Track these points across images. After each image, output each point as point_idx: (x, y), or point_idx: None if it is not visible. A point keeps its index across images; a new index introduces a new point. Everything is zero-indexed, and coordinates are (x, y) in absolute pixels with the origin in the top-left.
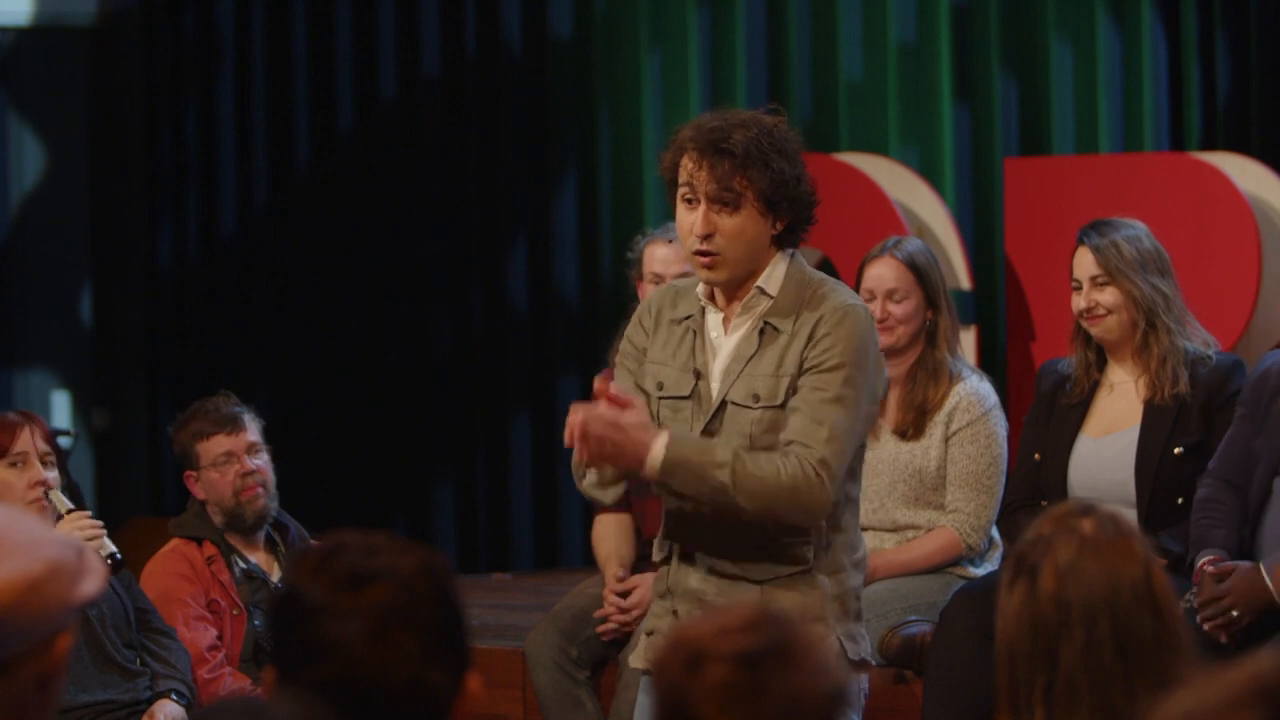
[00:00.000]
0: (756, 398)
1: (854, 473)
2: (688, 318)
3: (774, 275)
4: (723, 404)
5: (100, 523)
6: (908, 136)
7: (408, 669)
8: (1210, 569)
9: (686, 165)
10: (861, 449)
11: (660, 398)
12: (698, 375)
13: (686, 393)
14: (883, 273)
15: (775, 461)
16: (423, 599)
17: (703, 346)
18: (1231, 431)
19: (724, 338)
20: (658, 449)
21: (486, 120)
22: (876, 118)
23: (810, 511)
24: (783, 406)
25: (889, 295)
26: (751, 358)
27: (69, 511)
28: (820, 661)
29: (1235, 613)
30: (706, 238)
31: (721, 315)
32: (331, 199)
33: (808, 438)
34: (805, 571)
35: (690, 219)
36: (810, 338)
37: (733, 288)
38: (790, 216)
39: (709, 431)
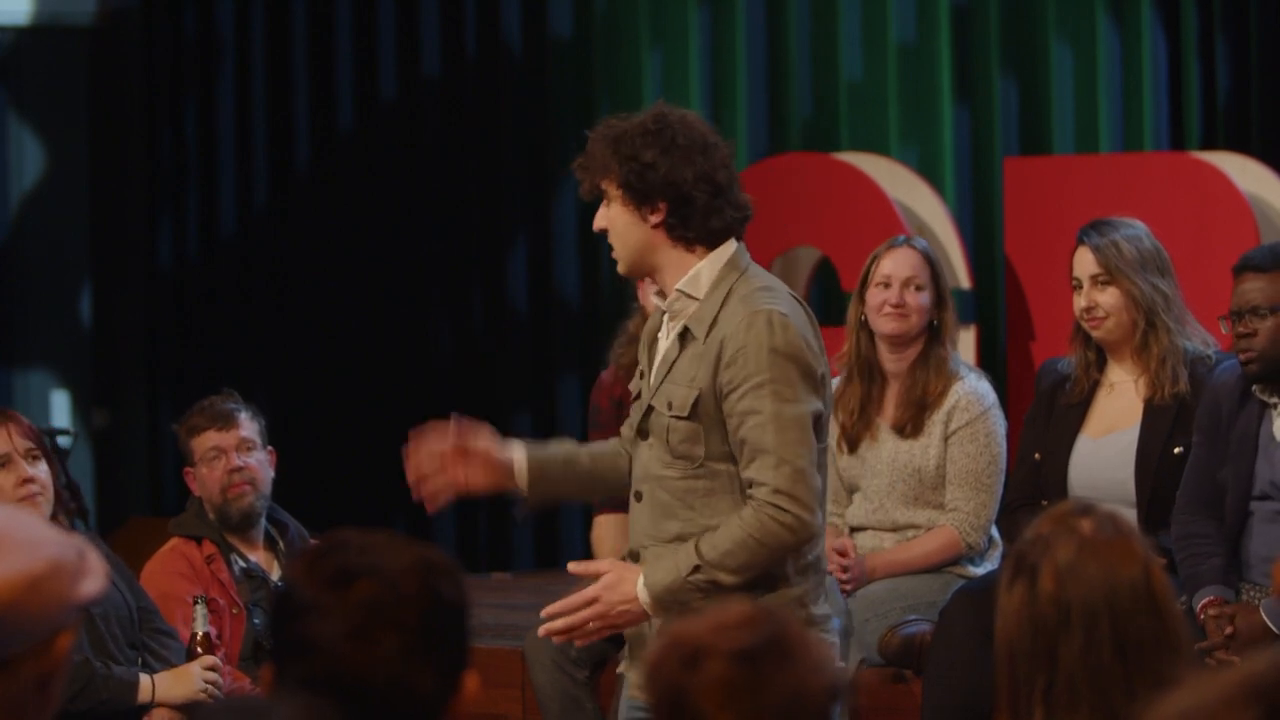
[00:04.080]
0: (670, 405)
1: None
2: (658, 322)
3: (699, 277)
4: (651, 405)
5: (219, 666)
6: (908, 136)
7: (389, 668)
8: (1213, 611)
9: None
10: (825, 436)
11: (633, 401)
12: (641, 376)
13: (635, 394)
14: (901, 261)
15: (734, 524)
16: (409, 598)
17: (654, 346)
18: (1192, 459)
19: (665, 340)
20: (642, 597)
21: (486, 120)
22: (876, 118)
23: (789, 543)
24: (690, 419)
25: (907, 282)
26: (674, 363)
27: (201, 640)
28: (817, 655)
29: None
30: (604, 233)
31: (668, 316)
32: (331, 199)
33: (759, 474)
34: (749, 589)
35: None
36: (719, 356)
37: (644, 277)
38: (667, 205)
39: (642, 431)
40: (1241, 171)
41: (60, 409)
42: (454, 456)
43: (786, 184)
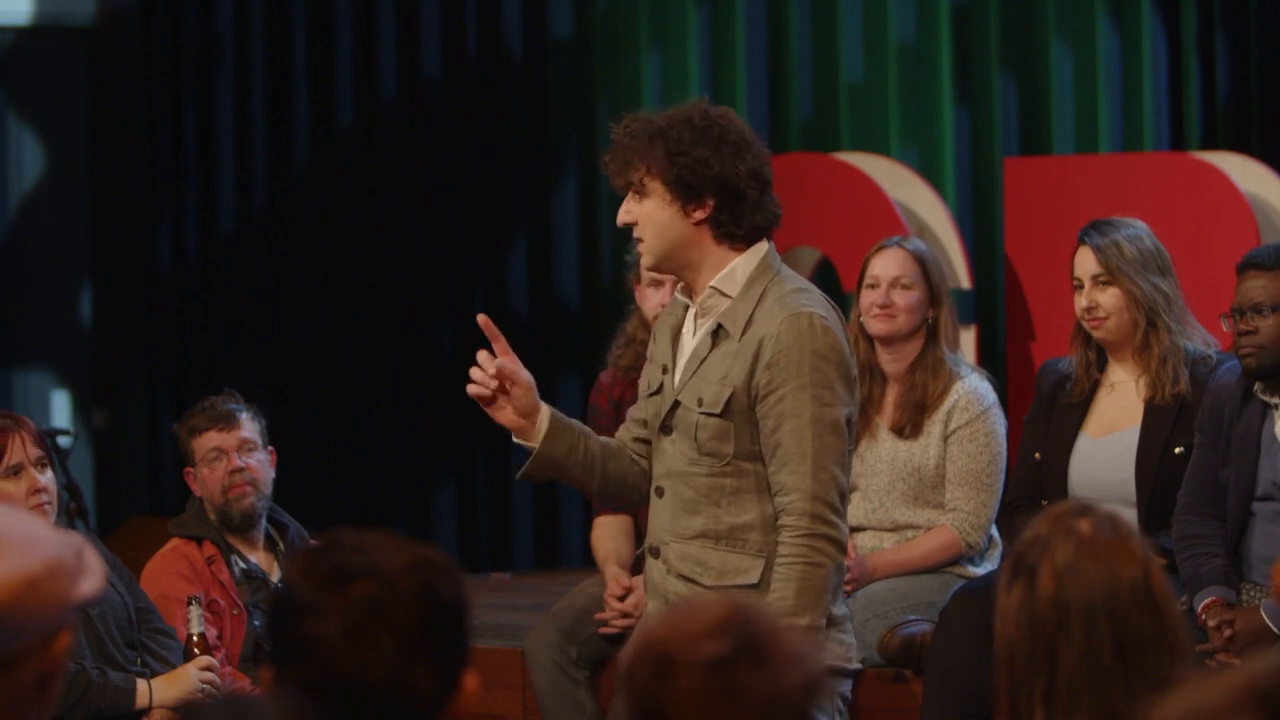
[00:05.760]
0: (700, 401)
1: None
2: (680, 317)
3: (734, 275)
4: (677, 401)
5: (216, 667)
6: (908, 136)
7: (385, 668)
8: (1213, 622)
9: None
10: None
11: (646, 397)
12: (664, 370)
13: (656, 388)
14: (889, 261)
15: (782, 572)
16: (406, 597)
17: (677, 342)
18: (1195, 460)
19: (691, 336)
20: None
21: (486, 120)
22: (876, 118)
23: (834, 560)
24: (722, 416)
25: (894, 282)
26: (705, 359)
27: (198, 641)
28: (791, 652)
29: (1240, 661)
30: (634, 225)
31: (694, 312)
32: (331, 199)
33: (792, 479)
34: (753, 587)
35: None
36: (757, 356)
37: (672, 273)
38: (714, 202)
39: (667, 427)
40: (1241, 171)
41: (60, 409)
42: (504, 376)
43: (787, 184)
